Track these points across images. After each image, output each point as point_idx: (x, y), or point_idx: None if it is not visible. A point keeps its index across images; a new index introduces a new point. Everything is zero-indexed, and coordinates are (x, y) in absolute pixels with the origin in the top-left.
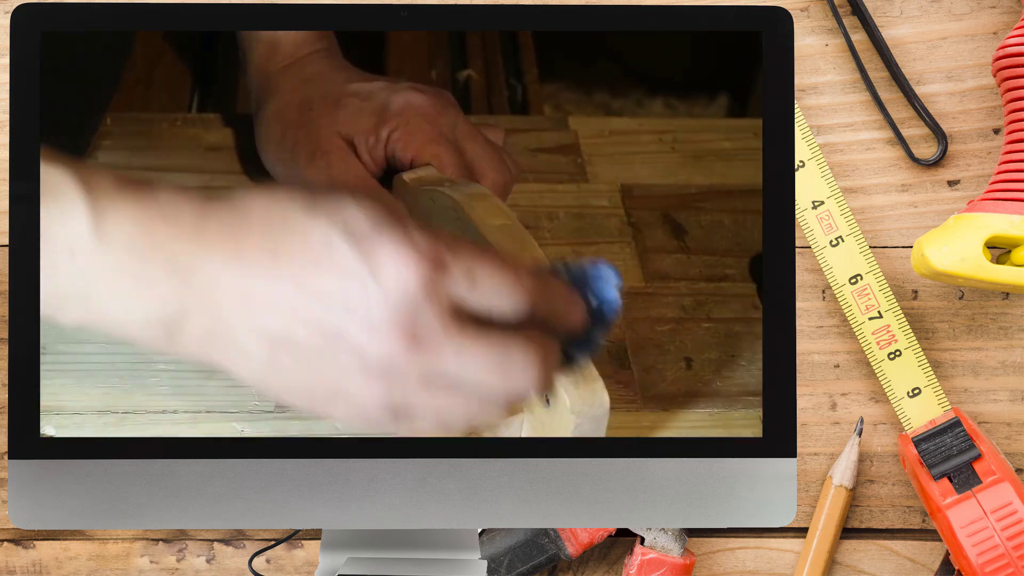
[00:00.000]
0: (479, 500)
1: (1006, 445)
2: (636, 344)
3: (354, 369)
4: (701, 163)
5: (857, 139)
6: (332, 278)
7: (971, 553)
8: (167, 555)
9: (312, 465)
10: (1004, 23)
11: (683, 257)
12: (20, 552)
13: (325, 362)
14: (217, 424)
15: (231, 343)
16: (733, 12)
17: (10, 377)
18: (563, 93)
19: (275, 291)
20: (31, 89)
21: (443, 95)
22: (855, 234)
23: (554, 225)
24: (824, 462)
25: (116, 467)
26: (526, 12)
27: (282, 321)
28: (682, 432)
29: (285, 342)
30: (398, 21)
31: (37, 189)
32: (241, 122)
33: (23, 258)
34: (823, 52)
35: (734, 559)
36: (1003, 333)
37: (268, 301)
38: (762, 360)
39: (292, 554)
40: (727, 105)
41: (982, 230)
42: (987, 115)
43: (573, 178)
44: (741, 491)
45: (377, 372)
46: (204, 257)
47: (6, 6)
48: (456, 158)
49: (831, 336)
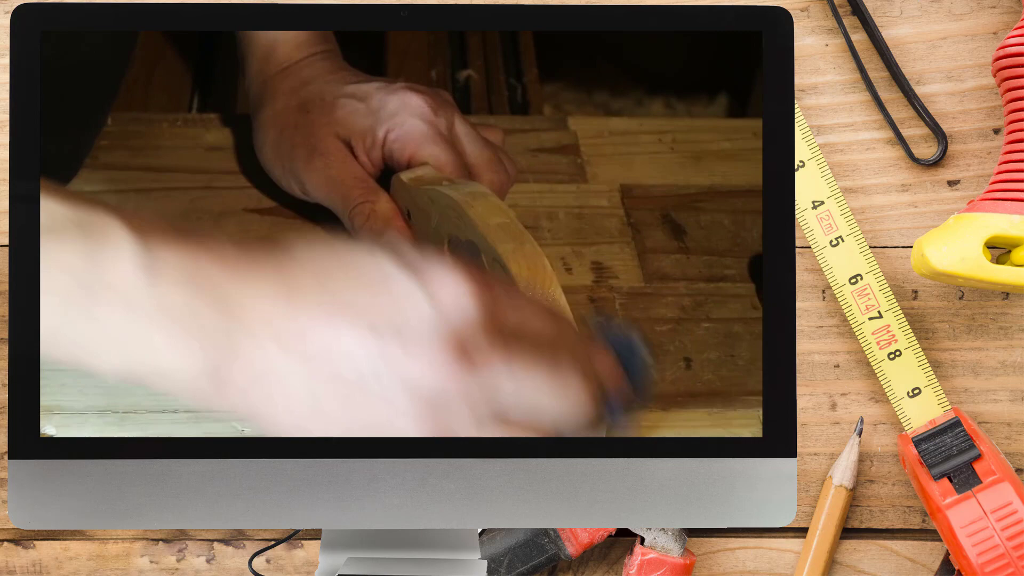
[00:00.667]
0: (479, 500)
1: (1006, 445)
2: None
3: (403, 406)
4: (701, 163)
5: (857, 139)
6: (388, 306)
7: (971, 553)
8: (167, 555)
9: (312, 465)
10: (1004, 23)
11: (682, 257)
12: (20, 552)
13: (374, 399)
14: (217, 424)
15: (277, 385)
16: (733, 12)
17: (10, 377)
18: (563, 93)
19: (324, 325)
20: (31, 89)
21: (440, 95)
22: (855, 234)
23: (554, 225)
24: (824, 462)
25: (116, 467)
26: (526, 12)
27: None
28: (682, 432)
29: (336, 379)
30: (398, 21)
31: (37, 189)
32: (241, 122)
33: (23, 258)
34: (823, 52)
35: (734, 559)
36: (1003, 333)
37: (317, 337)
38: (762, 360)
39: (292, 554)
40: (727, 105)
41: (982, 230)
42: (987, 115)
43: (573, 178)
44: (741, 491)
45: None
46: (252, 291)
47: (6, 6)
48: (454, 158)
49: (831, 336)
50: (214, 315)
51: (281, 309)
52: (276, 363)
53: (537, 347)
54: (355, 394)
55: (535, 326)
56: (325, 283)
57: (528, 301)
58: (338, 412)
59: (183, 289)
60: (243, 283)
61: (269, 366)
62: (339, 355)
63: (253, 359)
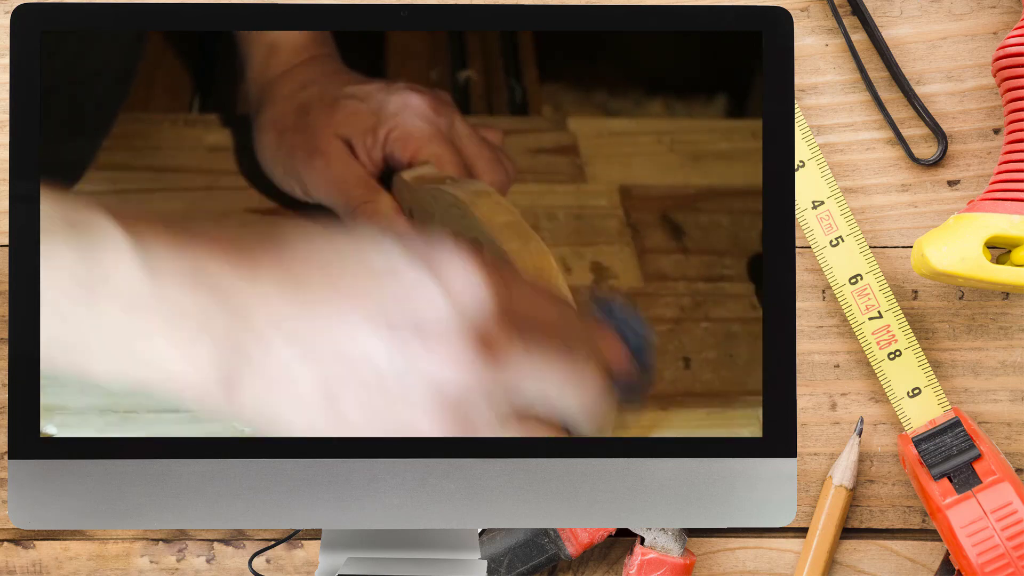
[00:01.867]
0: (479, 500)
1: (1006, 445)
2: None
3: (426, 405)
4: (700, 164)
5: (857, 139)
6: (402, 300)
7: (971, 553)
8: (167, 555)
9: (312, 465)
10: (1004, 23)
11: (681, 257)
12: (20, 552)
13: (394, 399)
14: (217, 424)
15: (292, 389)
16: (733, 12)
17: (10, 377)
18: (562, 94)
19: (337, 323)
20: (31, 89)
21: (440, 95)
22: (855, 234)
23: (553, 225)
24: (824, 462)
25: (116, 467)
26: (526, 12)
27: (351, 357)
28: (682, 432)
29: (354, 381)
30: (398, 21)
31: (37, 189)
32: (241, 122)
33: (23, 258)
34: (823, 52)
35: (734, 559)
36: (1003, 333)
37: (331, 336)
38: (762, 360)
39: (292, 554)
40: (726, 105)
41: (982, 230)
42: (987, 115)
43: (572, 179)
44: (741, 491)
45: (452, 405)
46: (257, 289)
47: (6, 6)
48: (454, 157)
49: (831, 336)
50: (219, 314)
51: (290, 307)
52: (289, 365)
53: (548, 335)
54: (375, 396)
55: (543, 313)
56: (332, 278)
57: (533, 288)
58: (358, 415)
59: (185, 289)
60: (245, 280)
61: (282, 369)
62: (357, 355)
63: (265, 363)
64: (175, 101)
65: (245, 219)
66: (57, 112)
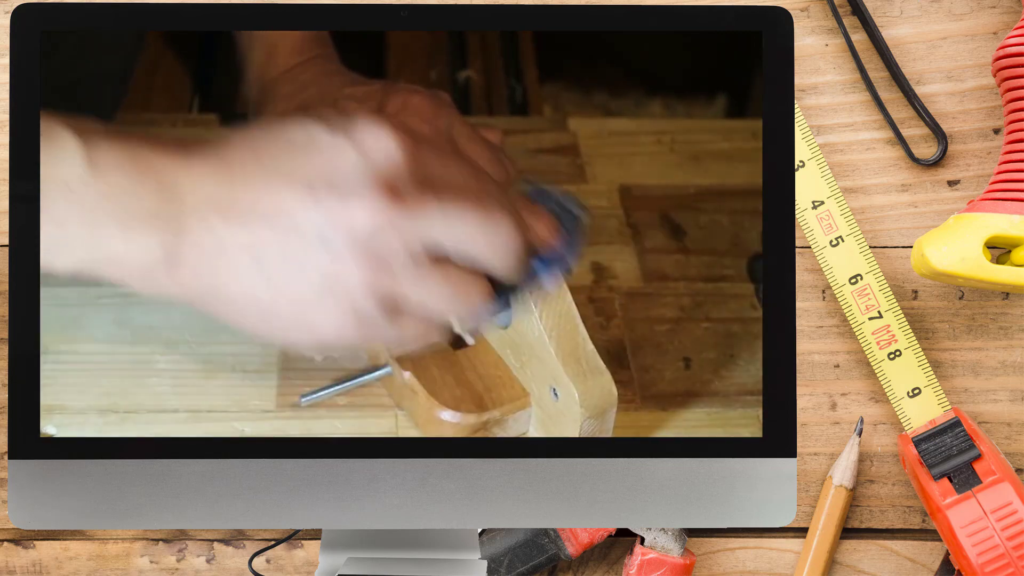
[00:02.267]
0: (479, 500)
1: (1006, 445)
2: (635, 344)
3: (344, 254)
4: (700, 163)
5: (857, 139)
6: (320, 164)
7: (971, 553)
8: (167, 555)
9: (312, 465)
10: (1004, 23)
11: (682, 257)
12: (20, 552)
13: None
14: (217, 424)
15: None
16: (733, 12)
17: (10, 377)
18: (562, 94)
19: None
20: (31, 89)
21: (439, 95)
22: (855, 234)
23: None
24: (824, 462)
25: (116, 467)
26: (526, 12)
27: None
28: (681, 432)
29: (281, 243)
30: (398, 21)
31: (37, 189)
32: (241, 122)
33: (23, 258)
34: (823, 52)
35: (734, 559)
36: (1003, 333)
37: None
38: (762, 360)
39: (292, 554)
40: (726, 105)
41: (982, 230)
42: (987, 115)
43: (572, 179)
44: (741, 491)
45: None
46: (192, 173)
47: (6, 6)
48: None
49: (831, 336)
50: (158, 199)
51: (221, 186)
52: (222, 236)
53: (466, 194)
54: (297, 251)
55: (465, 179)
56: (261, 156)
57: (460, 159)
58: (281, 272)
59: (126, 177)
60: (183, 168)
61: (216, 241)
62: (281, 218)
63: (201, 237)
64: (175, 101)
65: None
66: (57, 112)
